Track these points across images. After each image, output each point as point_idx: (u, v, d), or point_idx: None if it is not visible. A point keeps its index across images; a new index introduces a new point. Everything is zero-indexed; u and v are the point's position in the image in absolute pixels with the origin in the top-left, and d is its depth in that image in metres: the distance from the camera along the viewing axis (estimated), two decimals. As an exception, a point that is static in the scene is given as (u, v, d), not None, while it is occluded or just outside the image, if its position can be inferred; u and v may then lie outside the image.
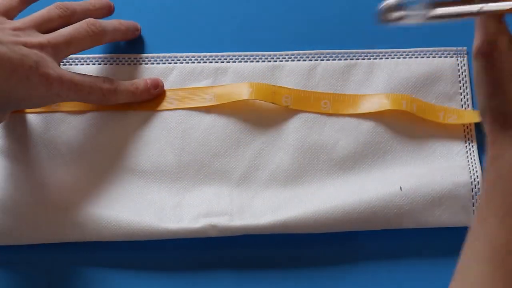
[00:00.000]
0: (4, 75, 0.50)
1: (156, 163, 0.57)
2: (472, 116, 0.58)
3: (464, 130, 0.58)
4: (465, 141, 0.57)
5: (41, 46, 0.52)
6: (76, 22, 0.56)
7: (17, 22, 0.54)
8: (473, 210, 0.54)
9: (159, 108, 0.59)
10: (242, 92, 0.58)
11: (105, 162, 0.57)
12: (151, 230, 0.54)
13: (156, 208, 0.55)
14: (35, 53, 0.51)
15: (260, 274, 0.54)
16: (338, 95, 0.59)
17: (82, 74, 0.55)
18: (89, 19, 0.56)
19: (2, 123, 0.56)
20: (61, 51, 0.54)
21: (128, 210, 0.55)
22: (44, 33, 0.54)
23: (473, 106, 0.59)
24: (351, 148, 0.57)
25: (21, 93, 0.51)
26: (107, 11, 0.59)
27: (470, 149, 0.57)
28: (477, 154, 0.56)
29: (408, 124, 0.58)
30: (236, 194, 0.56)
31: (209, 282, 0.54)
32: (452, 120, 0.58)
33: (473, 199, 0.54)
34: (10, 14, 0.55)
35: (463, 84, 0.59)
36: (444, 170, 0.55)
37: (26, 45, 0.51)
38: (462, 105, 0.59)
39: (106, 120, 0.58)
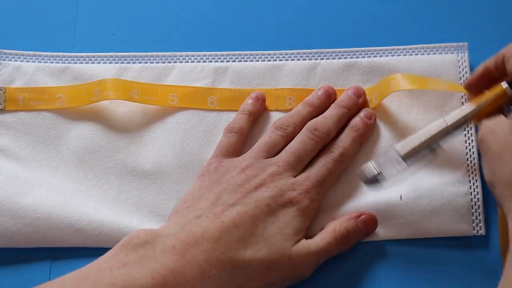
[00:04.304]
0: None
1: (157, 164, 0.57)
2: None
3: (465, 135, 0.57)
4: (466, 149, 0.56)
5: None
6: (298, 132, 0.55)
7: (272, 165, 0.53)
8: (473, 220, 0.54)
9: (161, 104, 0.58)
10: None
11: (105, 163, 0.57)
12: None
13: (157, 214, 0.55)
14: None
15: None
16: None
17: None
18: (309, 126, 0.55)
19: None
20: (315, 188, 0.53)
21: (130, 216, 0.55)
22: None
23: (473, 104, 0.58)
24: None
25: None
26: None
27: (470, 157, 0.56)
28: (478, 163, 0.55)
29: (408, 131, 0.57)
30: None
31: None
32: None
33: (472, 208, 0.54)
34: (272, 150, 0.54)
35: (464, 81, 0.58)
36: (443, 179, 0.55)
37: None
38: (462, 103, 0.58)
39: (106, 121, 0.58)
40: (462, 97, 0.58)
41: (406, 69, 0.59)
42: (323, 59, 0.60)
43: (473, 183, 0.55)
